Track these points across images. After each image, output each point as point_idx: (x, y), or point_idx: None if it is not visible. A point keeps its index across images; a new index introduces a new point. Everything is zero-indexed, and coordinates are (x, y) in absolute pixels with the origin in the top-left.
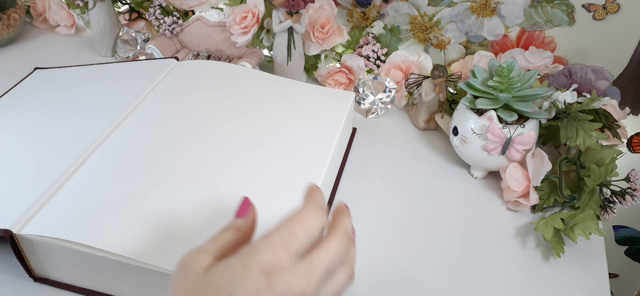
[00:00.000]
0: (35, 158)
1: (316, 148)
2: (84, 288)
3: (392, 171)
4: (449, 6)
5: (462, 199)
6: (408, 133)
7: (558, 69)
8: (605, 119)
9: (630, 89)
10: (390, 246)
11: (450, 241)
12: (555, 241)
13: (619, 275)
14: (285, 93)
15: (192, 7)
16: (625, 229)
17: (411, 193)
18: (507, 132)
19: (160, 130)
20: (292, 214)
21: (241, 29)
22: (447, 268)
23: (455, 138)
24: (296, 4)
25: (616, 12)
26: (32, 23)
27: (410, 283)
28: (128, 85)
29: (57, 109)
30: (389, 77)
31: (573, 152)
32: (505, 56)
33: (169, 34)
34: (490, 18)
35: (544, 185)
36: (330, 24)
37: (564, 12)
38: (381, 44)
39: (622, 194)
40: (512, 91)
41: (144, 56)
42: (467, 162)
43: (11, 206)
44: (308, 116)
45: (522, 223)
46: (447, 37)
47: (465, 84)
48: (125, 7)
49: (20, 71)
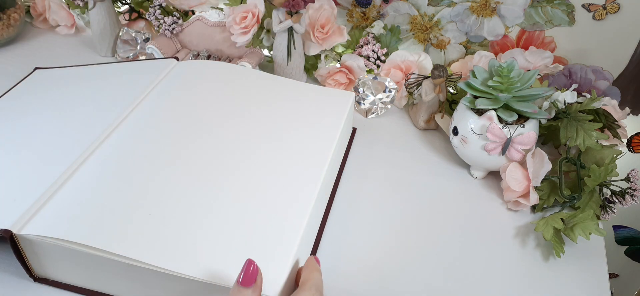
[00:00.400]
0: (35, 158)
1: (316, 148)
2: (84, 288)
3: (392, 171)
4: (449, 6)
5: (462, 199)
6: (408, 133)
7: (558, 69)
8: (605, 119)
9: (630, 89)
10: (390, 246)
11: (450, 241)
12: (555, 241)
13: (619, 275)
14: (285, 93)
15: (192, 7)
16: (625, 229)
17: (411, 193)
18: (507, 132)
19: (160, 130)
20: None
21: (241, 29)
22: (447, 268)
23: (455, 138)
24: (296, 4)
25: (616, 12)
26: (32, 23)
27: (410, 283)
28: (128, 85)
29: (57, 109)
30: (389, 77)
31: (573, 152)
32: (505, 56)
33: (169, 34)
34: (490, 18)
35: (544, 185)
36: (330, 24)
37: (564, 12)
38: (381, 44)
39: (622, 194)
40: (512, 91)
41: (144, 56)
42: (467, 162)
43: (11, 206)
44: (308, 116)
45: (522, 223)
46: (447, 37)
47: (465, 84)
48: (125, 7)
49: (20, 71)
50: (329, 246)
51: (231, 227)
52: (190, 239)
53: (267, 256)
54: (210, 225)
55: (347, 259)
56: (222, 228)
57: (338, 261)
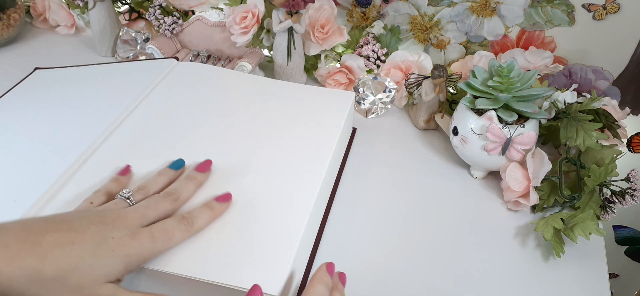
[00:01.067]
0: (35, 158)
1: (316, 148)
2: None
3: (392, 171)
4: (449, 6)
5: (462, 199)
6: (408, 133)
7: (558, 69)
8: (605, 119)
9: (630, 89)
10: (389, 246)
11: (450, 241)
12: (555, 241)
13: (619, 275)
14: (285, 95)
15: (192, 7)
16: (625, 229)
17: (411, 193)
18: (507, 132)
19: (160, 131)
20: None
21: (241, 29)
22: (446, 268)
23: (455, 138)
24: (296, 4)
25: (616, 12)
26: (32, 23)
27: (410, 283)
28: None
29: (57, 110)
30: (389, 77)
31: (573, 152)
32: (505, 56)
33: (169, 34)
34: (490, 18)
35: (544, 185)
36: (330, 24)
37: (564, 12)
38: (381, 44)
39: (622, 194)
40: (512, 91)
41: (144, 56)
42: (467, 162)
43: (11, 207)
44: (308, 116)
45: (522, 223)
46: (447, 37)
47: (465, 84)
48: (125, 7)
49: (20, 71)
50: (328, 246)
51: (231, 227)
52: (191, 239)
53: (269, 255)
54: (210, 226)
55: (346, 258)
56: (222, 228)
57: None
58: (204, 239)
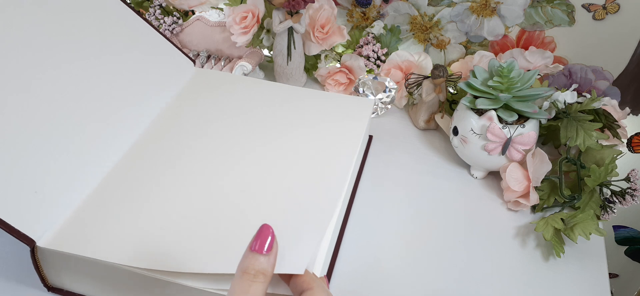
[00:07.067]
0: None
1: (337, 161)
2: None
3: (392, 171)
4: (449, 6)
5: (462, 199)
6: (408, 133)
7: (558, 69)
8: (605, 119)
9: (630, 89)
10: (389, 246)
11: (449, 241)
12: (555, 241)
13: (619, 275)
14: (304, 104)
15: (192, 7)
16: (625, 229)
17: (411, 193)
18: (507, 132)
19: (179, 143)
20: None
21: (241, 29)
22: (446, 268)
23: (455, 138)
24: (296, 4)
25: (616, 12)
26: None
27: (410, 283)
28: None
29: None
30: (389, 77)
31: (573, 152)
32: (505, 56)
33: (169, 34)
34: (490, 18)
35: (544, 185)
36: (330, 24)
37: (564, 12)
38: (381, 44)
39: (622, 194)
40: (512, 91)
41: None
42: (467, 162)
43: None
44: (329, 125)
45: (522, 223)
46: (447, 37)
47: (465, 84)
48: None
49: None
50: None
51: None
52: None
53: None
54: (229, 239)
55: (346, 258)
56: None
57: (337, 261)
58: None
